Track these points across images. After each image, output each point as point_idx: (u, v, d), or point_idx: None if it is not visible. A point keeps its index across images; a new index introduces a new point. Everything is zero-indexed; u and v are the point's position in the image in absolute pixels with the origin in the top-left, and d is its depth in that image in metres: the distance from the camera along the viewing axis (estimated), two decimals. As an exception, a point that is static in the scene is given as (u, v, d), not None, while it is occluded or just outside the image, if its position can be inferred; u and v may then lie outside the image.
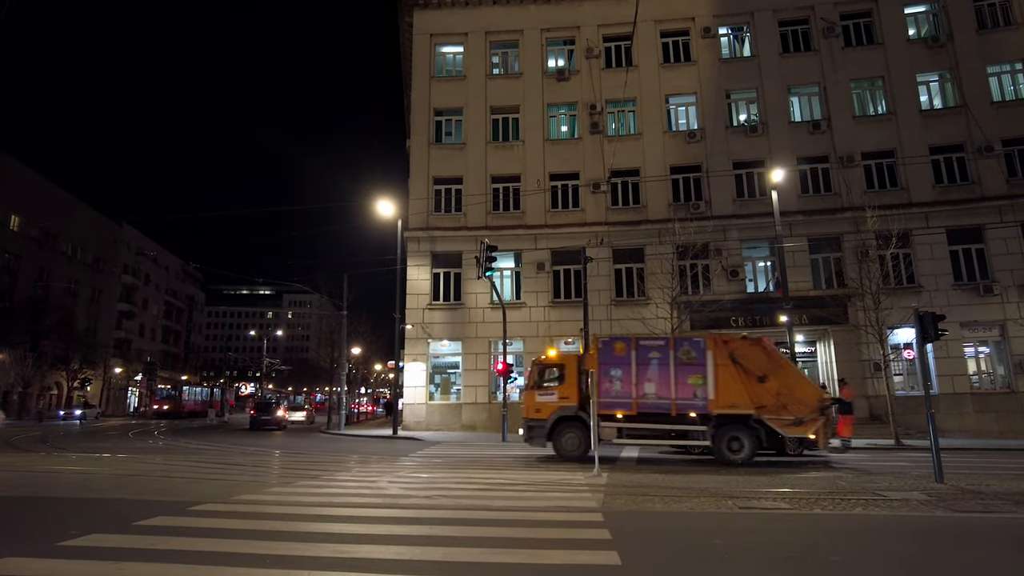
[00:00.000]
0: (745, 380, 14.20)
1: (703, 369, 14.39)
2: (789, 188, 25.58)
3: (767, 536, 6.57)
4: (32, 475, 11.32)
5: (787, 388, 14.18)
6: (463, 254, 27.52)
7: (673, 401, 14.41)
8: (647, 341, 15.37)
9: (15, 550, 5.41)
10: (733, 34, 29.68)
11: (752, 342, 15.00)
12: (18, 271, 50.69)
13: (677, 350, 14.72)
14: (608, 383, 14.82)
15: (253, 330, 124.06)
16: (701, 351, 14.58)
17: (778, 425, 14.05)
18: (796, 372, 14.93)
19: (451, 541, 6.01)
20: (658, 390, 14.57)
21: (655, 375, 14.66)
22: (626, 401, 14.65)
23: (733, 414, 14.07)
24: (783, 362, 15.01)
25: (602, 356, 15.13)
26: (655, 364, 14.72)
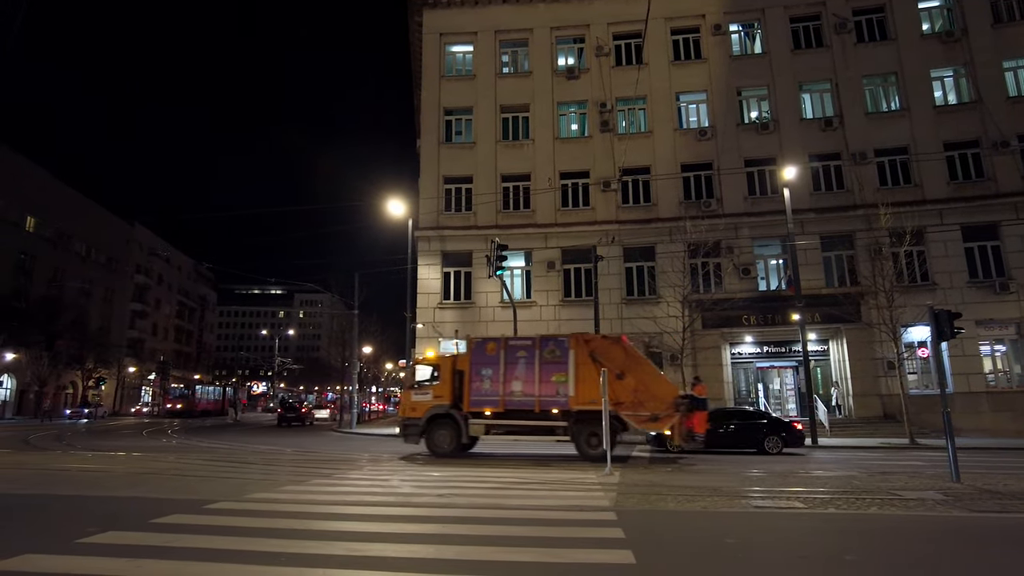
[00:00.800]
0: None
1: (566, 367, 15.01)
2: (801, 185, 25.41)
3: (781, 535, 6.53)
4: (48, 473, 11.44)
5: (644, 385, 14.69)
6: (473, 253, 27.53)
7: (537, 398, 15.06)
8: (516, 341, 16.04)
9: (34, 547, 5.47)
10: (744, 31, 29.50)
11: (612, 341, 15.61)
12: (33, 271, 51.26)
13: (543, 349, 15.37)
14: (479, 382, 15.54)
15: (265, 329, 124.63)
16: (565, 350, 15.19)
17: (635, 421, 14.56)
18: (653, 370, 15.50)
19: (464, 540, 6.01)
20: (524, 388, 15.22)
21: (522, 374, 15.32)
22: (494, 399, 15.31)
23: (592, 410, 14.27)
24: (641, 360, 15.50)
25: (474, 356, 15.82)
26: (523, 363, 15.40)
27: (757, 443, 17.07)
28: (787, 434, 17.15)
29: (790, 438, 17.10)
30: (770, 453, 16.70)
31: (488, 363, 15.64)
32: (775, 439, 16.98)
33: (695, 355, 24.81)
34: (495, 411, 15.38)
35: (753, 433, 17.30)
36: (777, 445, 16.91)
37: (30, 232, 51.89)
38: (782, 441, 16.99)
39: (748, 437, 17.28)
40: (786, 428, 17.45)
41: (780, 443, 16.94)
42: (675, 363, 23.87)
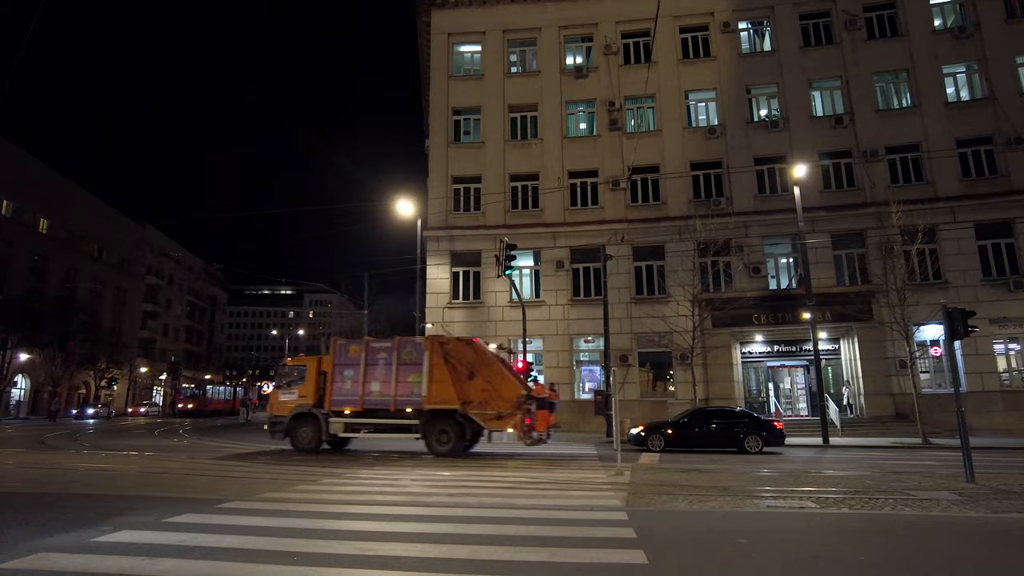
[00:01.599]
0: (455, 378, 15.57)
1: (421, 368, 15.82)
2: (811, 183, 25.26)
3: (794, 535, 6.49)
4: (64, 472, 11.53)
5: (492, 385, 15.37)
6: (482, 253, 27.55)
7: (393, 398, 15.91)
8: (377, 343, 16.81)
9: (50, 545, 5.53)
10: (753, 28, 29.37)
11: (465, 342, 16.39)
12: (46, 272, 51.74)
13: (401, 351, 16.22)
14: (341, 382, 16.38)
15: (275, 329, 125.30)
16: (421, 352, 16.03)
17: (482, 419, 15.29)
18: (501, 371, 15.93)
19: (476, 539, 6.02)
20: (382, 388, 16.07)
21: (381, 374, 16.15)
22: (354, 398, 16.18)
23: (442, 409, 15.42)
24: (491, 361, 16.04)
25: (338, 357, 16.62)
26: (382, 364, 16.23)
27: (737, 442, 17.24)
28: (767, 433, 17.35)
29: (770, 437, 17.31)
30: (750, 452, 16.88)
31: (350, 364, 16.45)
32: (755, 438, 17.16)
33: (705, 354, 24.77)
34: (354, 410, 16.20)
35: (733, 432, 17.47)
36: (757, 444, 17.09)
37: (44, 234, 52.41)
38: (762, 440, 17.17)
39: (728, 436, 17.46)
40: (766, 427, 17.59)
41: (760, 442, 17.12)
42: (685, 362, 23.82)
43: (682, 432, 17.69)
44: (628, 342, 26.06)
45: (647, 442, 17.45)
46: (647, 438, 17.57)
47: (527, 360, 23.35)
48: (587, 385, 26.81)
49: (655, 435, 17.63)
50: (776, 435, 17.33)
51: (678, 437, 17.56)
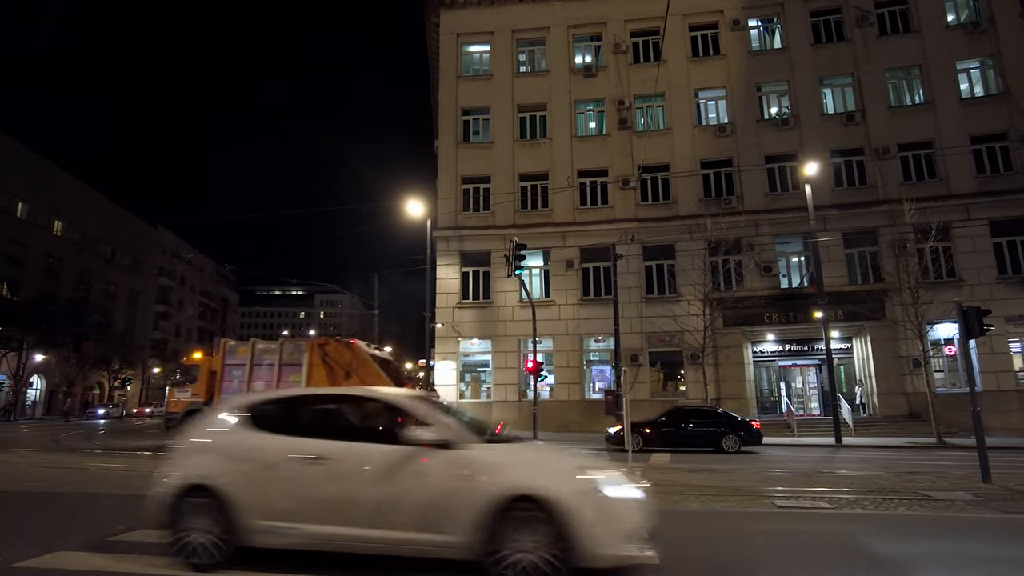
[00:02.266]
0: (333, 377, 16.58)
1: (300, 368, 16.76)
2: (823, 181, 25.08)
3: (808, 536, 6.45)
4: (79, 472, 11.64)
5: (365, 384, 16.11)
6: (492, 253, 27.55)
7: None
8: (263, 344, 17.76)
9: (66, 544, 5.59)
10: (763, 26, 29.21)
11: (344, 344, 17.42)
12: (60, 274, 52.25)
13: (284, 352, 17.18)
14: (229, 381, 17.23)
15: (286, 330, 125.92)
16: (301, 353, 16.99)
17: None
18: (375, 370, 16.95)
19: (488, 539, 6.00)
20: (265, 386, 16.80)
21: (265, 374, 17.05)
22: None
23: None
24: (367, 362, 17.11)
25: (227, 358, 17.52)
26: (266, 364, 17.18)
27: (715, 442, 17.36)
28: (744, 433, 17.49)
29: (748, 437, 17.44)
30: (728, 452, 16.98)
31: (239, 364, 17.36)
32: (733, 438, 17.31)
33: (716, 354, 24.66)
34: None
35: (711, 432, 17.58)
36: (735, 444, 17.22)
37: (58, 236, 52.96)
38: (740, 440, 17.29)
39: (706, 436, 17.55)
40: (744, 427, 17.70)
41: (738, 442, 17.24)
42: (696, 362, 23.71)
43: (660, 431, 17.76)
44: (639, 342, 25.99)
45: (624, 441, 17.43)
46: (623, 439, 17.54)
47: (537, 360, 23.37)
48: (597, 385, 26.76)
49: (633, 435, 17.48)
50: (753, 435, 17.52)
51: (656, 436, 17.62)
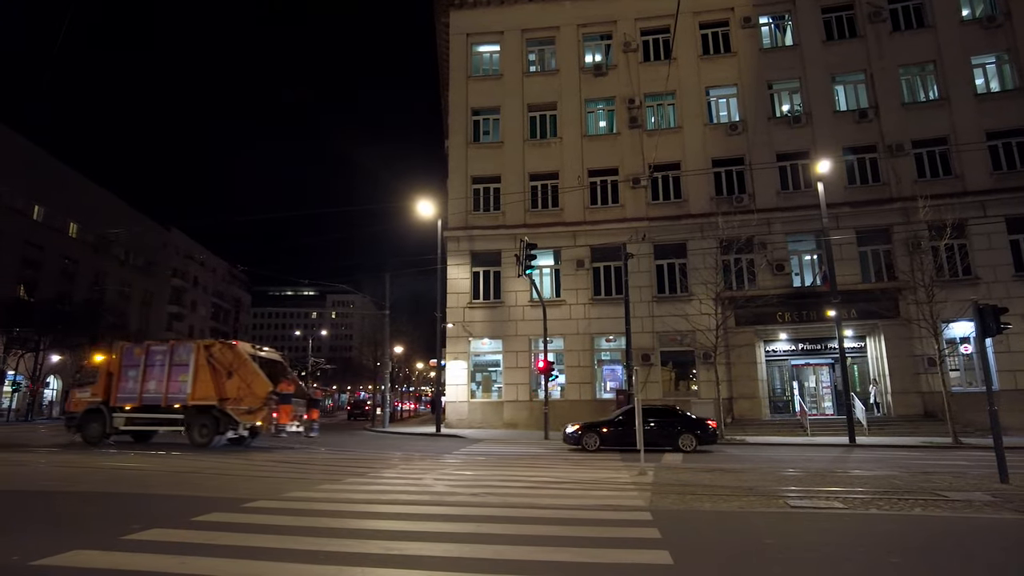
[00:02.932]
0: (216, 377, 17.71)
1: (188, 369, 17.93)
2: (835, 179, 24.89)
3: (821, 536, 6.39)
4: (94, 471, 11.75)
5: (246, 383, 17.48)
6: (502, 252, 27.57)
7: (165, 395, 18.06)
8: (156, 346, 18.91)
9: (82, 543, 5.62)
10: (774, 23, 29.02)
11: (228, 346, 18.37)
12: (76, 275, 52.81)
13: (174, 354, 18.30)
14: (125, 382, 18.51)
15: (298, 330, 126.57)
16: (190, 354, 18.11)
17: (236, 413, 17.34)
18: (254, 370, 17.83)
19: (499, 539, 6.01)
20: (157, 387, 18.16)
21: (157, 375, 18.24)
22: (134, 396, 18.38)
23: (203, 405, 17.62)
24: (247, 362, 17.95)
25: (124, 359, 18.73)
26: (158, 365, 18.33)
27: (672, 441, 17.25)
28: (701, 432, 17.45)
29: (704, 436, 17.42)
30: (684, 451, 16.93)
31: (134, 365, 18.54)
32: (690, 437, 17.24)
33: (728, 353, 24.53)
34: (134, 406, 18.32)
35: (668, 431, 17.47)
36: (691, 443, 17.16)
37: (73, 238, 53.52)
38: (696, 439, 17.25)
39: (663, 435, 17.39)
40: (700, 426, 17.61)
41: (694, 441, 17.21)
42: (708, 361, 23.58)
43: (617, 431, 17.58)
44: (650, 341, 25.90)
45: (582, 441, 17.47)
46: (582, 437, 17.53)
47: (548, 360, 23.36)
48: (609, 384, 26.70)
49: (590, 434, 17.61)
50: (709, 434, 17.53)
51: (613, 436, 17.53)
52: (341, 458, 15.17)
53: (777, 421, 24.72)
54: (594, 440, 17.48)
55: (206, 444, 17.40)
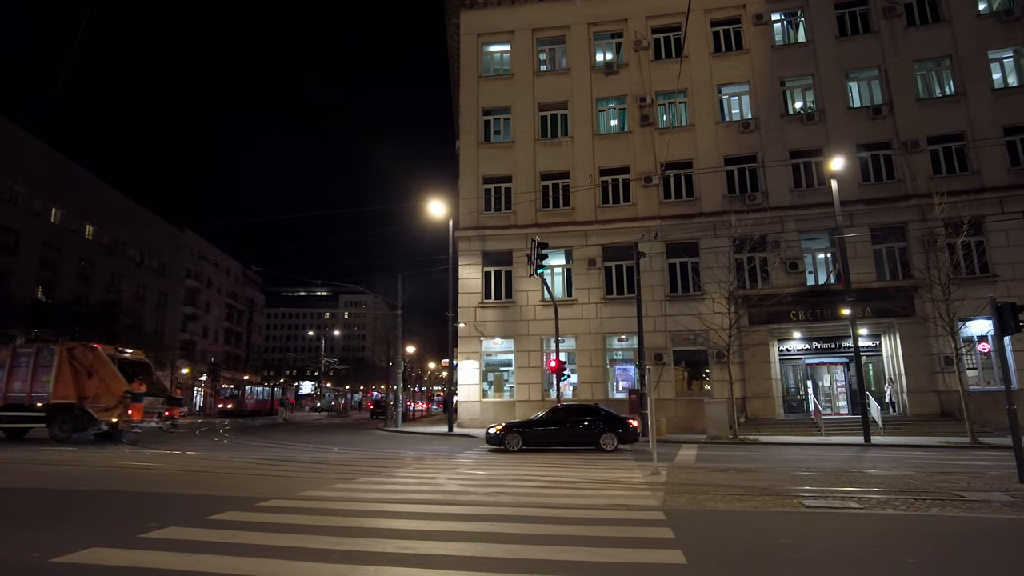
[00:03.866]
0: (77, 377, 19.15)
1: (51, 370, 19.29)
2: (849, 176, 24.66)
3: (836, 536, 6.34)
4: (111, 470, 11.89)
5: (104, 383, 19.01)
6: (513, 252, 27.57)
7: (28, 394, 19.47)
8: (23, 349, 20.37)
9: (99, 541, 5.70)
10: (787, 19, 28.80)
11: (89, 348, 19.77)
12: (92, 277, 53.39)
13: (39, 356, 19.64)
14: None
15: (311, 330, 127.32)
16: (53, 356, 19.44)
17: (94, 411, 18.82)
18: (112, 370, 19.35)
19: (512, 538, 6.02)
20: (22, 386, 19.56)
21: (23, 375, 19.61)
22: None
23: (64, 403, 19.13)
24: (105, 363, 19.42)
25: None
26: (23, 366, 19.69)
27: (594, 440, 17.13)
28: (622, 431, 17.27)
29: (625, 435, 17.24)
30: (605, 450, 16.81)
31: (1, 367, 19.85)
32: (612, 436, 17.08)
33: (742, 352, 24.38)
34: (1, 404, 19.61)
35: (590, 430, 17.29)
36: (613, 442, 17.01)
37: (89, 240, 54.08)
38: (617, 438, 17.09)
39: (585, 434, 17.26)
40: (622, 425, 17.43)
41: (615, 440, 17.05)
42: (721, 361, 23.46)
43: (539, 431, 17.44)
44: (663, 340, 25.80)
45: (504, 441, 17.19)
46: (504, 437, 17.24)
47: (560, 359, 23.33)
48: (621, 384, 26.63)
49: (513, 434, 17.35)
50: (630, 433, 17.34)
51: (535, 436, 17.35)
52: (354, 458, 15.24)
53: (791, 420, 24.53)
54: (517, 441, 17.19)
55: (66, 439, 19.04)
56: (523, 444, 17.16)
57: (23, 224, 46.30)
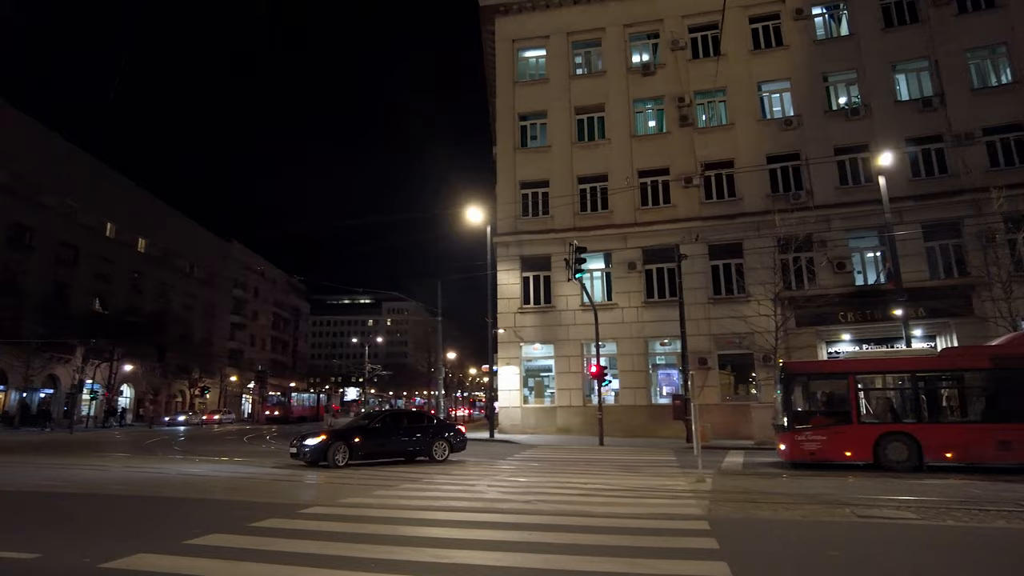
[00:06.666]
0: None
1: None
2: (898, 172, 23.76)
3: (891, 548, 6.05)
4: (160, 477, 12.20)
5: None
6: (552, 257, 27.45)
7: None
8: None
9: (147, 546, 5.84)
10: (828, 13, 28.01)
11: None
12: (143, 288, 55.34)
13: None
14: None
15: (355, 337, 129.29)
16: None
17: None
18: None
19: (551, 548, 5.92)
20: None
21: None
22: None
23: None
24: None
25: None
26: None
27: (427, 449, 15.55)
28: (454, 437, 16.10)
29: (457, 443, 16.06)
30: (437, 460, 15.42)
31: None
32: (444, 444, 15.71)
33: (789, 355, 23.67)
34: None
35: (424, 438, 15.65)
36: (445, 451, 15.69)
37: (141, 252, 56.13)
38: (450, 446, 15.83)
39: (420, 442, 15.56)
40: (454, 432, 16.32)
41: (447, 449, 15.74)
42: (768, 364, 22.88)
43: (371, 440, 15.01)
44: (707, 344, 25.30)
45: (328, 455, 13.98)
46: (328, 450, 14.04)
47: (601, 364, 23.08)
48: (664, 389, 26.20)
49: (338, 445, 14.28)
50: (460, 441, 16.20)
51: (366, 447, 14.84)
52: (395, 463, 15.31)
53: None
54: (343, 454, 14.22)
55: None
56: (350, 458, 14.35)
57: (80, 238, 48.31)
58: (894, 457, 12.93)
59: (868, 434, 13.28)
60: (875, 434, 13.23)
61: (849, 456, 13.49)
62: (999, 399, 12.94)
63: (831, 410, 14.20)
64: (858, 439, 13.29)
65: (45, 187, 44.16)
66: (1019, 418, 12.46)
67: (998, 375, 13.06)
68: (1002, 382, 13.00)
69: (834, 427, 13.65)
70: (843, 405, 13.89)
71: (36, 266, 43.19)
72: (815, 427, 13.67)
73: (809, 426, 13.72)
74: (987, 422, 12.85)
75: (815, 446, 13.52)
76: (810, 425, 13.74)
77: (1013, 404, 12.67)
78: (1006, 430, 12.43)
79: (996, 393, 13.07)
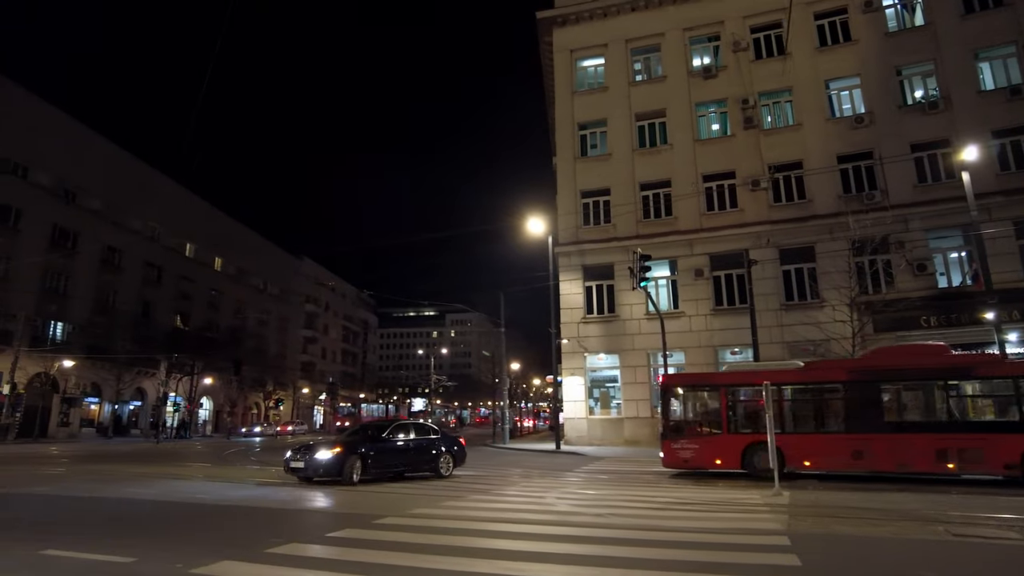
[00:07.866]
0: None
1: None
2: (983, 167, 22.37)
3: (989, 571, 5.65)
4: (240, 486, 12.67)
5: None
6: (614, 265, 27.15)
7: None
8: None
9: (230, 554, 6.08)
10: (900, 3, 26.77)
11: None
12: (220, 305, 58.01)
13: None
14: None
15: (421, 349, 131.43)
16: None
17: None
18: None
19: (626, 563, 5.81)
20: None
21: None
22: None
23: None
24: None
25: None
26: None
27: (433, 463, 14.70)
28: (458, 451, 15.45)
29: (459, 457, 15.39)
30: (443, 476, 14.57)
31: None
32: (448, 458, 14.95)
33: (867, 362, 22.62)
34: None
35: (429, 452, 14.74)
36: (450, 465, 14.94)
37: (218, 271, 58.93)
38: (454, 460, 15.14)
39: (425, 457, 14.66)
40: (457, 444, 15.56)
41: (452, 462, 15.03)
42: (844, 371, 21.87)
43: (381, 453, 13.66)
44: (779, 352, 24.39)
45: (344, 470, 12.58)
46: (344, 464, 12.62)
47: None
48: (734, 398, 25.43)
49: (353, 458, 12.87)
50: (462, 454, 15.51)
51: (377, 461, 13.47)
52: (463, 474, 15.42)
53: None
54: (356, 470, 12.81)
55: None
56: (362, 473, 13.01)
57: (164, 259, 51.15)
58: (759, 465, 13.42)
59: (737, 443, 14.10)
60: (743, 443, 14.00)
61: (719, 464, 14.28)
62: (853, 411, 13.59)
63: (707, 420, 15.04)
64: (728, 448, 14.18)
65: (132, 211, 47.03)
66: (872, 428, 13.15)
67: (853, 388, 13.77)
68: (856, 394, 13.68)
69: (707, 436, 14.64)
70: (717, 416, 14.71)
71: (125, 286, 46.00)
72: (690, 436, 14.74)
73: (684, 435, 14.78)
74: (842, 432, 13.51)
75: (689, 454, 14.55)
76: (685, 434, 14.80)
77: (866, 415, 13.35)
78: (859, 440, 13.13)
79: (851, 405, 13.71)
